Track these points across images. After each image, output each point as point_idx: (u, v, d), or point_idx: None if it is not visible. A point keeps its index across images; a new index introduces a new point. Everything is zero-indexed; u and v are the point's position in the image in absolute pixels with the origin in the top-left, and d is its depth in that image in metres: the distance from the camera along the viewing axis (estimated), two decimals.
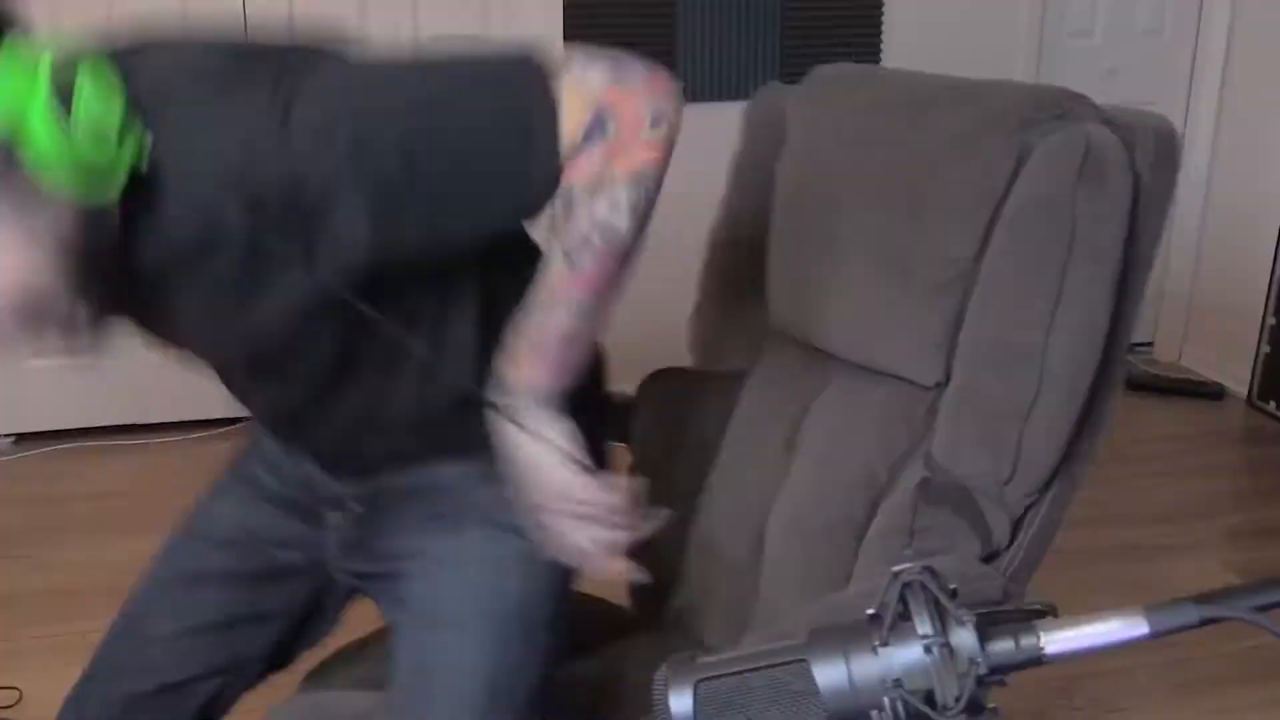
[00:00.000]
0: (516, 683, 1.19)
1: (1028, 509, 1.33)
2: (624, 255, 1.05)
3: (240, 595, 1.32)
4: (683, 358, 1.74)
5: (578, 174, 1.01)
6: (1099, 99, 1.36)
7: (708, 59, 3.60)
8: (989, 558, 1.31)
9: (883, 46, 3.72)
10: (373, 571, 1.29)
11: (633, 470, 1.68)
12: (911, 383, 1.42)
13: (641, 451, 1.68)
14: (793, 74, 3.58)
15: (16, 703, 2.23)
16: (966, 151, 1.37)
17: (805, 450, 1.52)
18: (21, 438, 3.50)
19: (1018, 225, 1.32)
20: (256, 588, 1.32)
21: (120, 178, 0.91)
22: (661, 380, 1.69)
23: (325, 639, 1.41)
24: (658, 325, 2.88)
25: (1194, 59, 4.04)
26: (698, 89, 3.56)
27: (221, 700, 1.35)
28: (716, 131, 1.13)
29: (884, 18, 3.70)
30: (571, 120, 0.99)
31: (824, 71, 1.65)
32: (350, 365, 1.12)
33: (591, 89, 1.00)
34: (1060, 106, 1.34)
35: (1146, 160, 1.29)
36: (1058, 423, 1.30)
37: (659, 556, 1.62)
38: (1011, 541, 1.32)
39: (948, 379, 1.38)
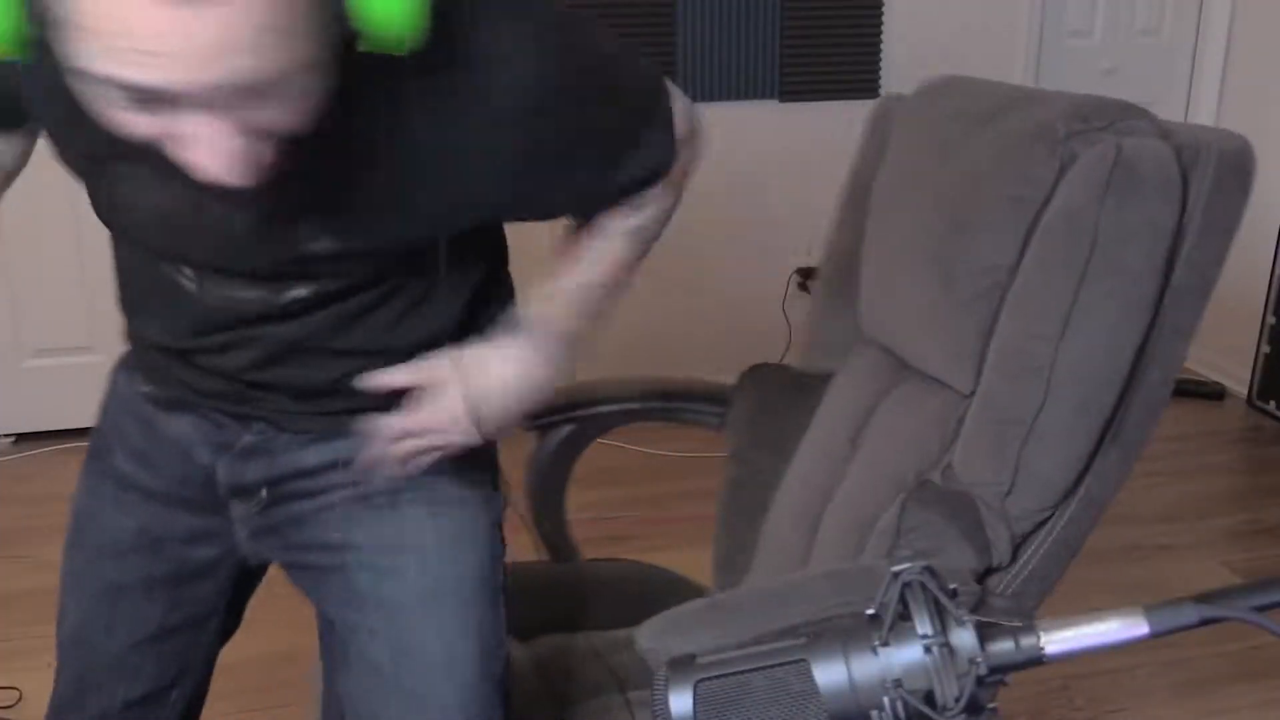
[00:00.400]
0: (497, 640, 1.23)
1: (1039, 525, 1.31)
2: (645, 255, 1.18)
3: (166, 600, 1.26)
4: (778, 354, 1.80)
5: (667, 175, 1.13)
6: None
7: (708, 59, 3.59)
8: (988, 572, 1.30)
9: (883, 46, 3.72)
10: (300, 563, 1.24)
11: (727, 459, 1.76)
12: (954, 390, 1.42)
13: (733, 440, 1.75)
14: (793, 74, 3.64)
15: (16, 703, 2.23)
16: (1013, 160, 1.35)
17: (863, 449, 1.54)
18: (21, 438, 3.50)
19: (1048, 235, 1.29)
20: (179, 588, 1.26)
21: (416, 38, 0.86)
22: (758, 374, 1.78)
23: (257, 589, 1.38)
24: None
25: (1193, 59, 4.04)
26: (698, 89, 3.56)
27: (196, 700, 1.34)
28: (716, 132, 1.15)
29: (884, 17, 3.70)
30: (678, 132, 1.12)
31: (931, 83, 1.65)
32: (366, 289, 1.09)
33: (688, 114, 1.14)
34: (1110, 118, 1.29)
35: (1205, 180, 1.24)
36: (1067, 439, 1.27)
37: (740, 541, 1.67)
38: (1015, 558, 1.30)
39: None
